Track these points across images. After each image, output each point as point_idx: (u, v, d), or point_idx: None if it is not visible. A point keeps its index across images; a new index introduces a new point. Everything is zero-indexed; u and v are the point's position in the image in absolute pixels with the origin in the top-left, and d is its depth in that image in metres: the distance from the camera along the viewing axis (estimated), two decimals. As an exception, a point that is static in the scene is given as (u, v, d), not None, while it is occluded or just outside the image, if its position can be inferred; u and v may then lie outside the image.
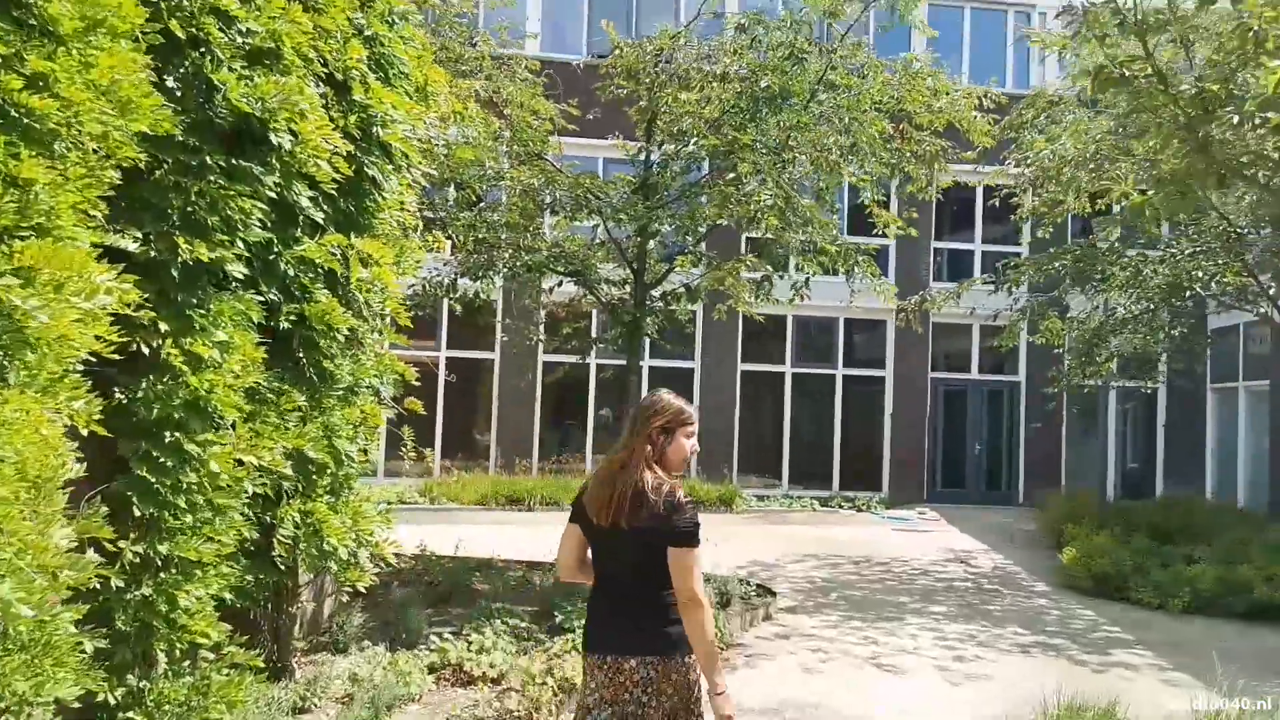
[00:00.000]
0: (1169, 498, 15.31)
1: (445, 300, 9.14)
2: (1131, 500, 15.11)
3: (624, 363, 8.80)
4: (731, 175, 6.88)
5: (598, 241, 8.37)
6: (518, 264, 7.20)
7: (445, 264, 7.91)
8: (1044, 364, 17.77)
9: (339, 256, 4.68)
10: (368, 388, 5.40)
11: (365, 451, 5.46)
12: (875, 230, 8.40)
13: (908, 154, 7.57)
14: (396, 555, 8.77)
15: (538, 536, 11.76)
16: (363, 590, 5.19)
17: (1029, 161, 9.57)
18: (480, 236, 7.42)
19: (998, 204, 10.99)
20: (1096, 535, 10.51)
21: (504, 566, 8.86)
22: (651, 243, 7.94)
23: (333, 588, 6.41)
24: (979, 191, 17.86)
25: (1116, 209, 9.64)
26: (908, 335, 17.69)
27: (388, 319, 5.65)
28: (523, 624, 6.26)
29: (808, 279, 7.59)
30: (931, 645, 6.98)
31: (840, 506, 16.60)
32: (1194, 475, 17.10)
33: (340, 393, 5.04)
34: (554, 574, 3.63)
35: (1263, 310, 9.23)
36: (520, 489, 14.72)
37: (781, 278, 8.01)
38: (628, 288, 8.23)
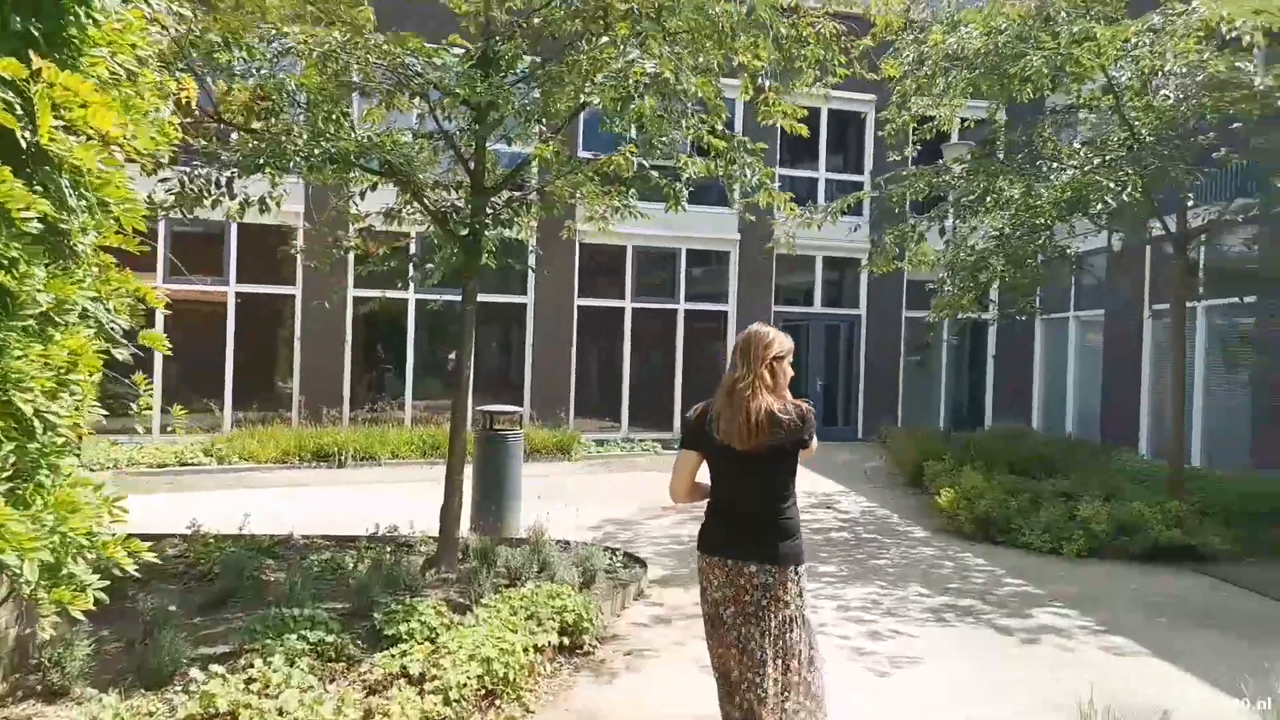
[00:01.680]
0: (1002, 429, 15.30)
1: (229, 221, 7.15)
2: (960, 432, 14.96)
3: (447, 296, 7.12)
4: (604, 39, 5.34)
5: (422, 135, 6.63)
6: (315, 153, 5.38)
7: (211, 156, 5.90)
8: (885, 297, 17.42)
9: (12, 95, 2.82)
10: (83, 315, 3.55)
11: (79, 409, 3.63)
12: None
13: (805, 33, 6.28)
14: (160, 539, 6.93)
15: (350, 499, 10.00)
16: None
17: (924, 56, 8.56)
18: (263, 110, 5.52)
19: (872, 128, 9.90)
20: (961, 472, 9.95)
21: (307, 545, 7.11)
22: (494, 136, 6.29)
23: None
24: (824, 116, 17.12)
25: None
26: (751, 268, 16.83)
27: (112, 215, 3.77)
28: (329, 636, 4.63)
29: (686, 180, 6.17)
30: (837, 619, 5.91)
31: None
32: (1022, 406, 17.31)
33: (24, 322, 3.21)
34: (668, 499, 3.46)
35: (1158, 230, 8.68)
36: (328, 442, 12.73)
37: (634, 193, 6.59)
38: (461, 194, 6.56)
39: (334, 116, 6.04)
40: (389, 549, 7.05)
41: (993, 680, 4.91)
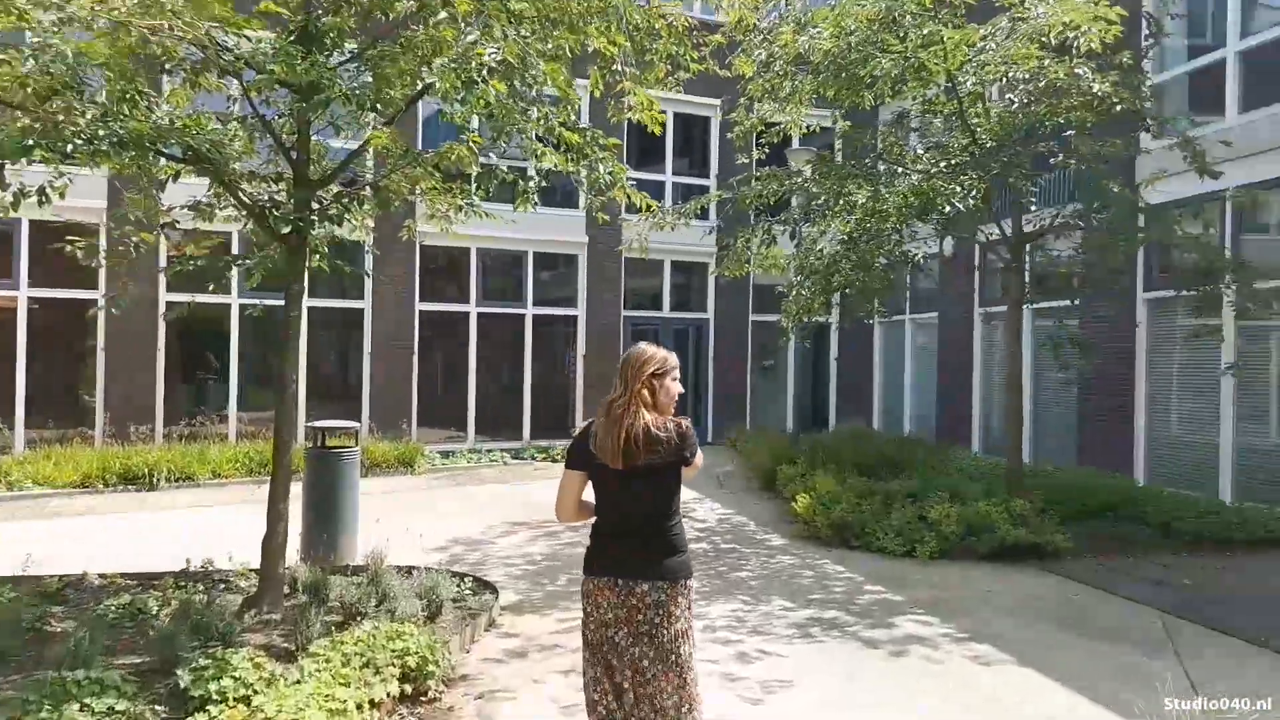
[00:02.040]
0: (845, 430, 15.59)
1: (20, 219, 6.14)
2: (807, 434, 15.18)
3: (271, 300, 6.38)
4: (443, 14, 4.80)
5: (235, 119, 5.88)
6: (99, 135, 4.57)
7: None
8: (733, 301, 17.48)
9: None
10: None
11: None
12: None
13: (656, 24, 5.95)
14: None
15: (162, 528, 8.95)
16: None
17: (774, 56, 8.42)
18: (44, 89, 4.67)
19: (719, 131, 9.73)
20: (814, 476, 9.95)
21: (104, 586, 6.20)
22: (320, 124, 5.63)
23: None
24: (670, 119, 17.01)
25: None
26: (600, 271, 16.51)
27: None
28: (121, 703, 3.91)
29: (537, 178, 5.70)
30: (704, 640, 5.59)
31: (534, 458, 15.11)
32: (863, 407, 17.77)
33: None
34: (555, 516, 3.30)
35: (994, 234, 8.87)
36: (138, 463, 11.46)
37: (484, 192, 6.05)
38: (283, 187, 5.86)
39: (128, 96, 5.24)
40: (202, 587, 6.26)
41: (868, 700, 4.71)
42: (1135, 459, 11.13)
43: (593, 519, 3.27)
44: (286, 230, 5.65)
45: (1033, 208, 9.14)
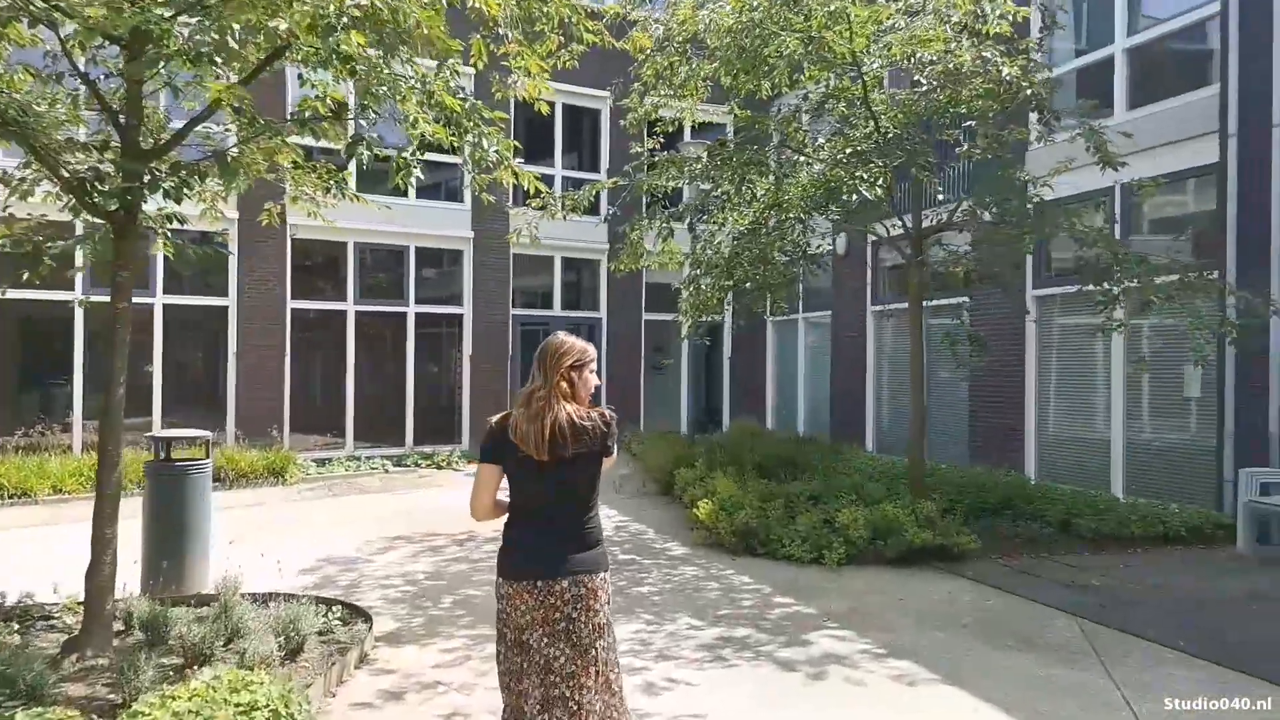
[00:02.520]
0: (740, 429, 15.29)
1: None
2: (703, 434, 14.85)
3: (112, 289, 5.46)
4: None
5: (54, 75, 5.00)
6: None
7: None
8: (626, 299, 16.97)
9: None
10: None
11: None
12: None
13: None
14: None
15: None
16: None
17: (671, 33, 7.93)
18: None
19: (612, 121, 9.20)
20: (713, 479, 9.53)
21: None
22: (155, 83, 4.81)
23: None
24: (559, 110, 16.40)
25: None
26: (487, 268, 15.74)
27: None
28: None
29: (416, 151, 5.00)
30: (604, 669, 5.02)
31: (418, 465, 14.26)
32: (757, 406, 17.56)
33: None
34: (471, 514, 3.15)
35: (895, 228, 8.60)
36: (-38, 480, 10.16)
37: (364, 164, 5.31)
38: (110, 157, 5.00)
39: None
40: (18, 626, 5.35)
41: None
42: (1026, 456, 11.15)
43: (504, 517, 3.18)
44: (113, 207, 4.81)
45: (939, 198, 8.95)
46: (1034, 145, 8.64)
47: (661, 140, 10.23)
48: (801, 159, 8.41)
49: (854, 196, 7.45)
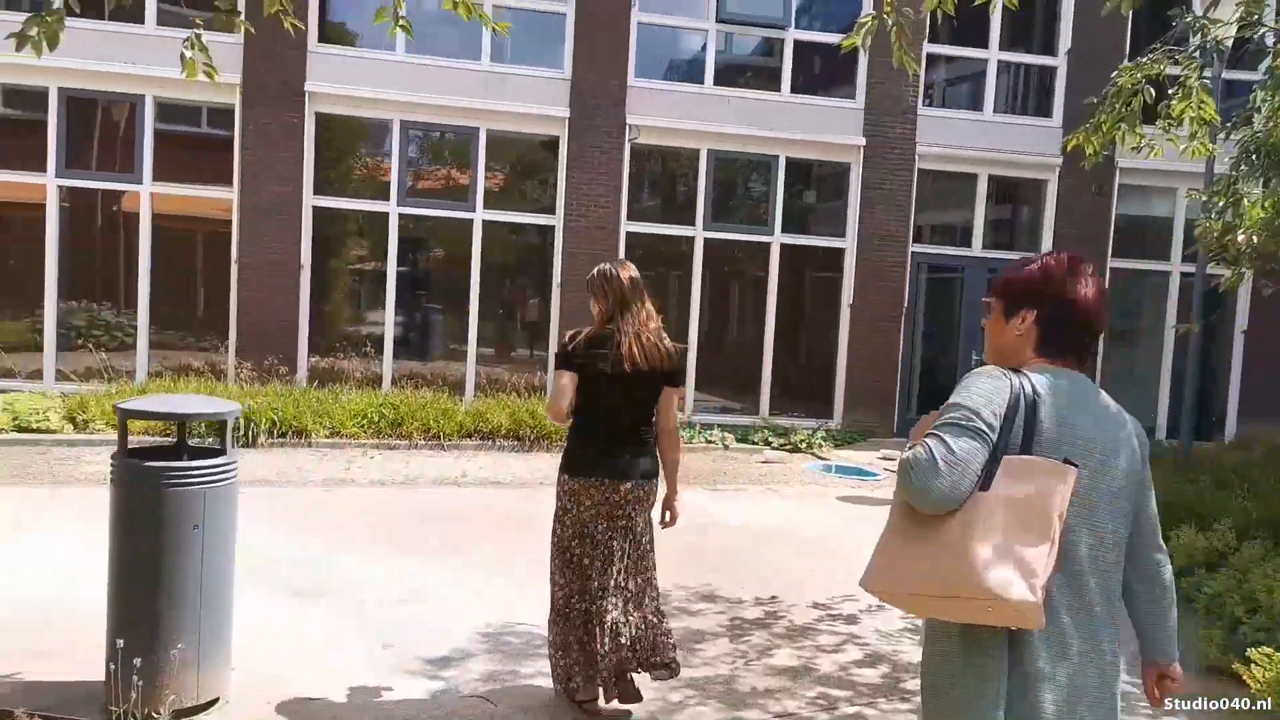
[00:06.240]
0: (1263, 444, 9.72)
1: None
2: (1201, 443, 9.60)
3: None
4: None
5: None
6: None
7: None
8: (1079, 235, 11.90)
9: None
10: None
11: None
12: None
13: None
14: None
15: None
16: None
17: None
18: None
19: None
20: (1263, 572, 4.87)
21: None
22: None
23: None
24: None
25: None
26: (881, 190, 11.61)
27: None
28: None
29: None
30: None
31: (768, 443, 10.84)
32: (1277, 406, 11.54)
33: None
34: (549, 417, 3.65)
35: None
36: None
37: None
38: None
39: None
40: None
41: None
42: None
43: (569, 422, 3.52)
44: None
45: None
46: None
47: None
48: None
49: None
